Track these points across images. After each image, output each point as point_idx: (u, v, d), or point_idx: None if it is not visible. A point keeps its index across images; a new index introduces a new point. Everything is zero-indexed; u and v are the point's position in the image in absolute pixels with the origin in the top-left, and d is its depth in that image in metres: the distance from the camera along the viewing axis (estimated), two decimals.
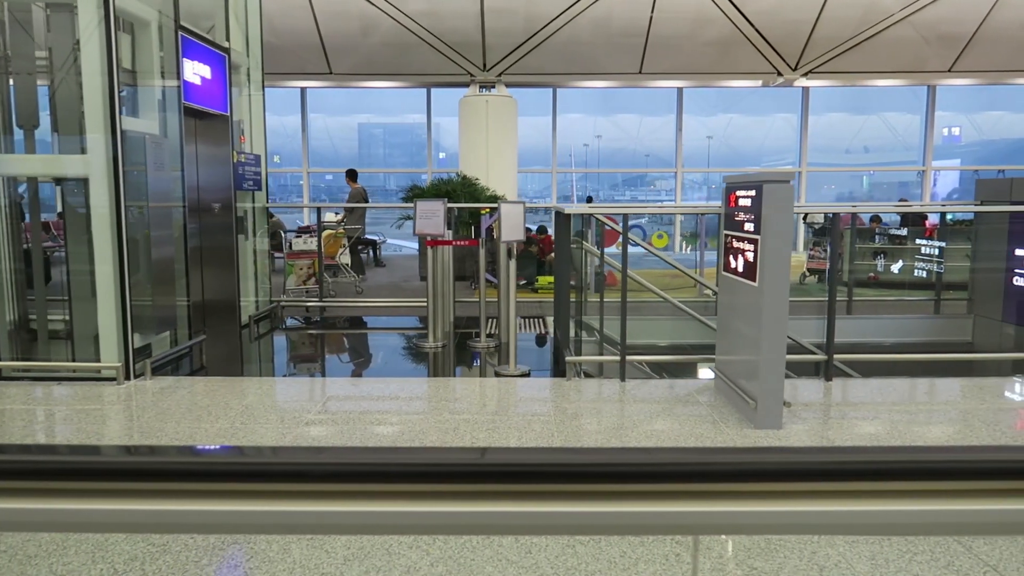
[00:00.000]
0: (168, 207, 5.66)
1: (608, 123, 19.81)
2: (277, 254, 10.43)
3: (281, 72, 13.55)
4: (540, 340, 6.96)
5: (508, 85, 13.67)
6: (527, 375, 5.36)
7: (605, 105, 19.88)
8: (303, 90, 15.57)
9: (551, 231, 11.40)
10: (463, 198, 11.13)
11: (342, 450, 1.17)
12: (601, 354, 5.98)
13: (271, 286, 8.01)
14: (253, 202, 7.64)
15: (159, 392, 4.85)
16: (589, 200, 15.83)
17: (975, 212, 7.85)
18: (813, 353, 5.28)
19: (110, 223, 4.99)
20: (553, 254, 10.88)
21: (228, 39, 6.80)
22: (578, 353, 5.49)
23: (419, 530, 0.98)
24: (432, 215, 6.21)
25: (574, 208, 5.17)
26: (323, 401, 4.64)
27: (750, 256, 4.23)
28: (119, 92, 4.93)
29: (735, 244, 4.49)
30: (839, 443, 3.95)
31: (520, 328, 7.55)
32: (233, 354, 6.45)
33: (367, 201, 11.29)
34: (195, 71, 6.07)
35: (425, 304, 6.52)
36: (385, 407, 4.55)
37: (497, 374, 5.43)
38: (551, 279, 10.43)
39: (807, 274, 10.85)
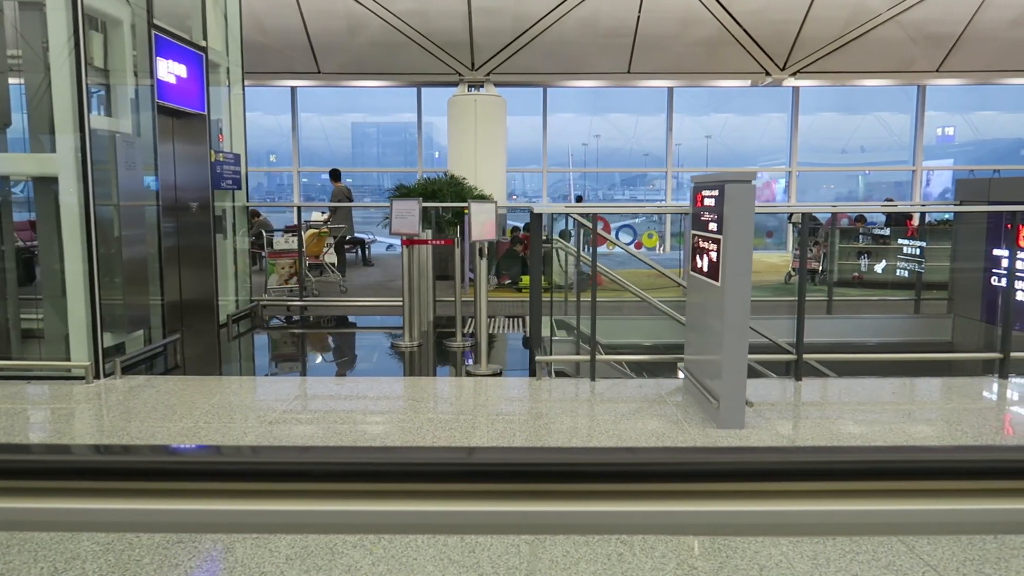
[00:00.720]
0: (141, 206, 5.66)
1: (607, 122, 19.78)
2: (263, 253, 10.43)
3: (270, 71, 13.55)
4: (524, 340, 6.96)
5: (497, 85, 13.67)
6: (498, 374, 5.36)
7: (604, 105, 19.85)
8: (293, 89, 15.56)
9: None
10: (449, 197, 11.13)
11: (310, 450, 1.17)
12: (578, 353, 5.98)
13: (252, 285, 8.01)
14: (233, 201, 7.63)
15: (128, 391, 4.85)
16: (579, 199, 15.83)
17: (954, 212, 7.86)
18: (789, 352, 5.28)
19: (79, 222, 4.99)
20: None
21: (206, 38, 6.80)
22: (550, 352, 5.48)
23: (391, 529, 0.99)
24: (407, 214, 6.21)
25: (543, 207, 5.16)
26: (288, 400, 4.64)
27: (714, 256, 4.23)
28: (88, 91, 4.93)
29: (701, 244, 4.49)
30: (799, 443, 3.95)
31: (505, 328, 7.56)
32: (208, 353, 6.45)
33: (351, 200, 11.28)
34: (170, 70, 6.07)
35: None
36: (349, 407, 4.55)
37: (468, 373, 5.44)
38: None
39: (793, 273, 10.85)
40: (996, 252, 7.16)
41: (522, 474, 0.96)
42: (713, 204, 4.26)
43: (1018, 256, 6.91)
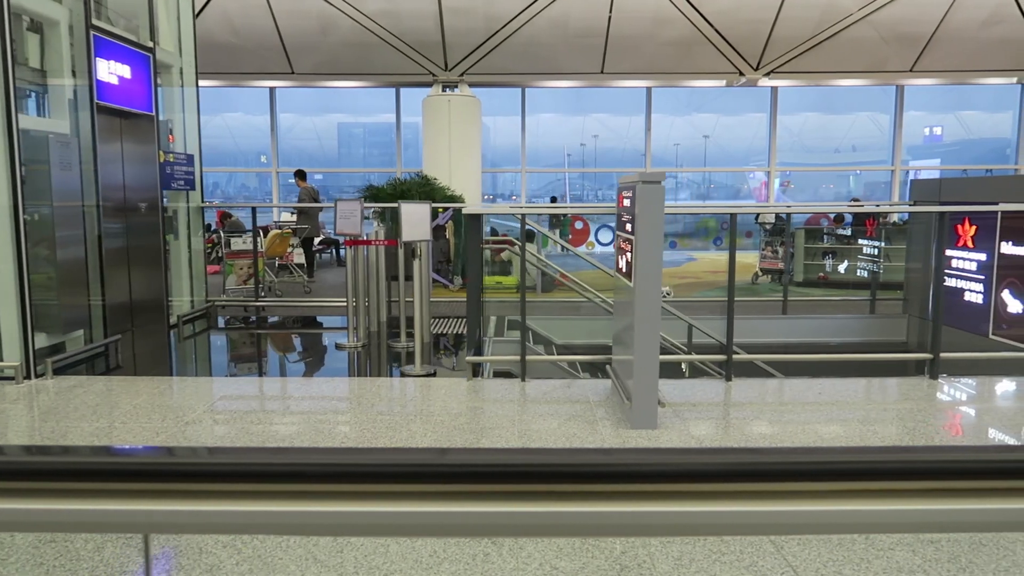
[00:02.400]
0: (78, 206, 5.67)
1: (605, 123, 19.76)
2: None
3: (244, 72, 13.56)
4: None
5: (472, 85, 13.67)
6: (432, 375, 5.37)
7: (602, 106, 19.86)
8: (272, 90, 15.57)
9: (500, 231, 11.41)
10: (418, 198, 11.13)
11: (252, 451, 1.18)
12: (525, 354, 5.98)
13: (207, 285, 8.01)
14: (187, 202, 7.64)
15: (57, 391, 4.85)
16: (553, 200, 15.83)
17: (909, 212, 7.86)
18: (733, 353, 5.26)
19: (9, 222, 5.00)
20: (502, 254, 10.89)
21: (153, 38, 6.80)
22: (488, 353, 5.49)
23: (346, 531, 1.00)
24: (350, 215, 6.21)
25: (474, 208, 5.17)
26: (211, 401, 4.65)
27: (629, 256, 4.24)
28: (15, 91, 4.93)
29: (622, 244, 4.50)
30: (707, 443, 3.95)
31: (461, 328, 7.55)
32: (150, 354, 6.46)
33: (317, 201, 11.28)
34: (111, 70, 6.08)
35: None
36: (269, 407, 4.56)
37: (403, 374, 5.44)
38: (498, 279, 10.44)
39: (759, 274, 10.85)
40: (948, 252, 7.16)
41: (489, 475, 0.97)
42: (629, 204, 4.27)
43: (962, 257, 6.93)
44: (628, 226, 4.27)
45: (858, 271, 8.94)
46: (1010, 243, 6.27)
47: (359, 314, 6.49)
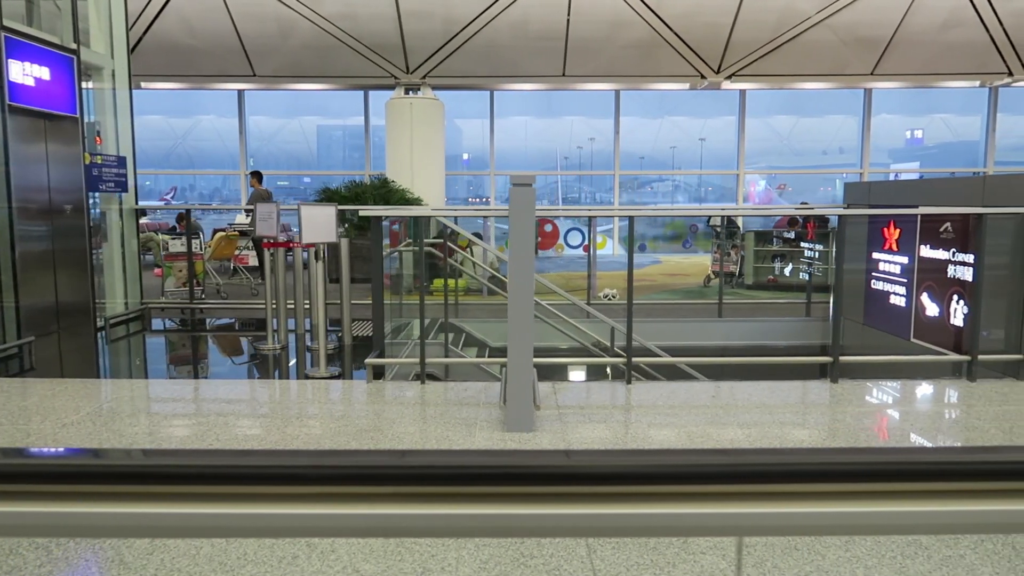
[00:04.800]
0: None
1: (603, 125, 19.65)
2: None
3: (205, 75, 13.57)
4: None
5: (436, 88, 13.68)
6: (337, 377, 5.36)
7: (600, 107, 19.84)
8: (240, 92, 15.59)
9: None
10: (372, 200, 11.14)
11: (202, 453, 1.17)
12: (424, 357, 5.96)
13: (142, 287, 8.00)
14: (120, 204, 7.64)
15: None
16: None
17: (839, 215, 7.84)
18: (633, 356, 5.27)
19: None
20: (451, 257, 10.85)
21: (77, 40, 6.80)
22: (386, 355, 5.48)
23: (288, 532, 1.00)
24: (268, 217, 6.21)
25: (371, 210, 5.17)
26: (99, 402, 4.64)
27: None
28: None
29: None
30: (575, 447, 3.94)
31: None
32: (71, 356, 6.45)
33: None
34: (27, 72, 6.08)
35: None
36: (155, 408, 4.55)
37: (307, 376, 5.44)
38: (448, 282, 10.41)
39: (711, 276, 10.84)
40: (876, 255, 7.16)
41: (456, 477, 0.98)
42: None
43: (888, 260, 6.93)
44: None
45: (801, 274, 8.93)
46: (928, 246, 6.27)
47: (280, 316, 6.48)
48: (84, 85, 7.03)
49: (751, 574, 2.58)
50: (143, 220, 13.68)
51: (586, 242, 17.27)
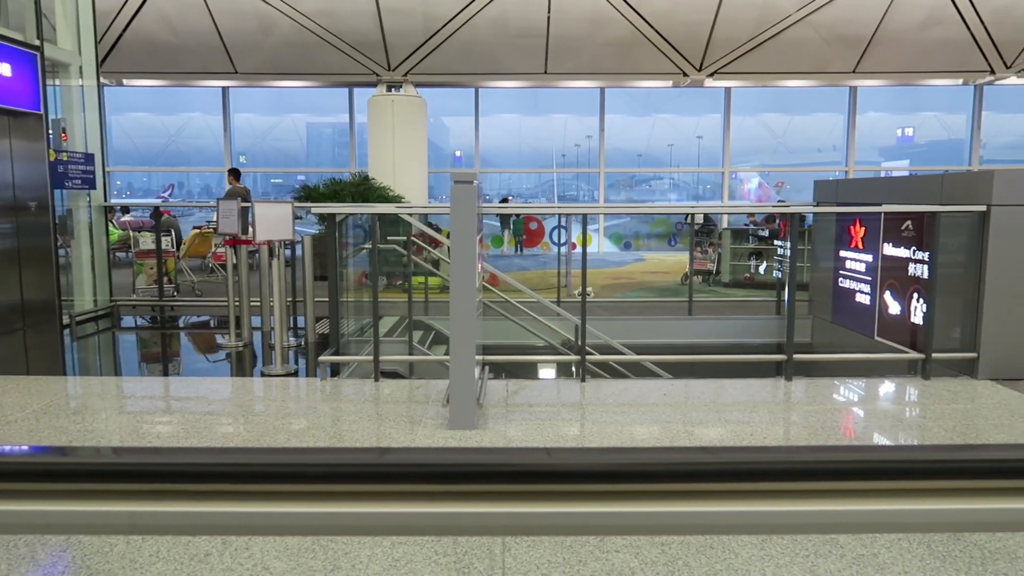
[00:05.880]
0: None
1: (596, 123, 19.63)
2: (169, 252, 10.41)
3: (187, 72, 13.55)
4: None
5: (418, 85, 13.66)
6: (293, 375, 5.36)
7: (595, 105, 19.83)
8: (225, 90, 15.56)
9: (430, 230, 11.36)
10: (351, 198, 11.11)
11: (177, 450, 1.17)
12: (378, 354, 5.96)
13: (111, 285, 7.99)
14: (89, 201, 7.62)
15: None
16: (504, 201, 15.82)
17: (812, 213, 7.85)
18: (588, 354, 5.26)
19: None
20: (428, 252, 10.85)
21: (40, 37, 6.77)
22: (339, 353, 5.47)
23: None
24: (229, 214, 6.20)
25: (320, 207, 5.16)
26: (45, 398, 4.63)
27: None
28: None
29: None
30: (516, 444, 3.94)
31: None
32: (34, 353, 6.44)
33: (248, 201, 11.24)
34: None
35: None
36: (105, 405, 4.54)
37: (263, 374, 5.43)
38: (423, 279, 10.40)
39: (688, 274, 10.83)
40: (843, 253, 7.15)
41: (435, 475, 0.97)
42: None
43: (854, 258, 6.93)
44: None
45: (774, 272, 8.93)
46: (891, 244, 6.26)
47: (243, 314, 6.47)
48: (50, 82, 7.01)
49: (661, 572, 2.58)
50: (125, 218, 13.69)
51: (572, 239, 17.30)
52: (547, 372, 7.20)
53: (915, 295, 5.92)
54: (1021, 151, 18.80)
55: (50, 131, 6.89)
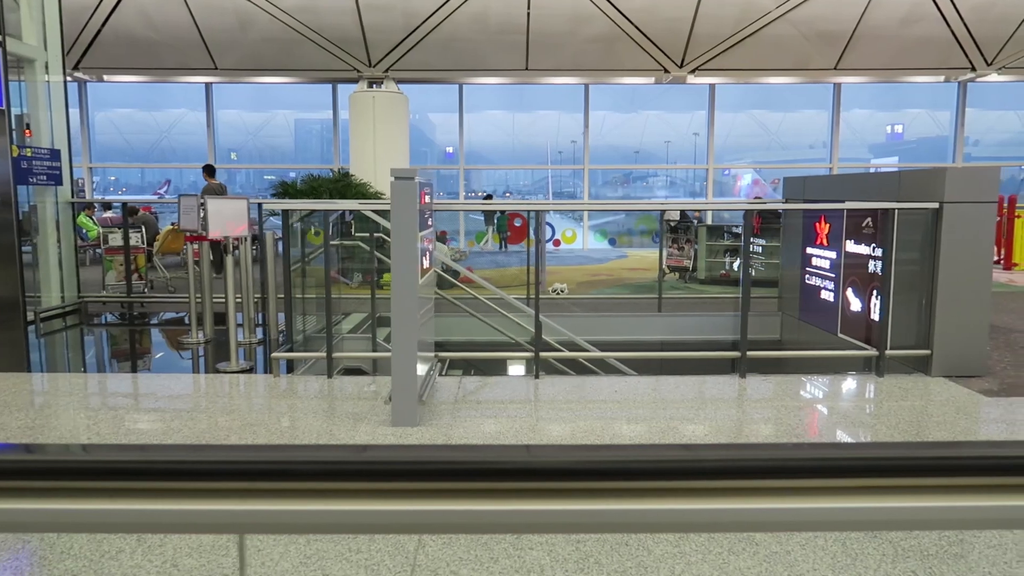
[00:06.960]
0: None
1: (600, 120, 19.57)
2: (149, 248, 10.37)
3: (167, 68, 13.50)
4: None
5: (400, 81, 13.63)
6: (248, 371, 5.35)
7: (594, 104, 19.79)
8: (208, 85, 15.51)
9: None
10: (329, 195, 11.08)
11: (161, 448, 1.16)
12: (331, 351, 5.95)
13: (79, 281, 7.96)
14: (56, 197, 7.60)
15: None
16: (487, 197, 15.80)
17: (783, 210, 7.84)
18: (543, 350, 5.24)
19: None
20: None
21: (2, 32, 6.73)
22: (292, 350, 5.46)
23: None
24: (190, 210, 6.17)
25: (272, 203, 5.14)
26: (3, 394, 4.61)
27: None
28: None
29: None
30: (456, 440, 3.93)
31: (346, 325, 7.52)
32: None
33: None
34: None
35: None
36: (50, 401, 4.52)
37: (217, 370, 5.42)
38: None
39: (666, 271, 10.82)
40: (810, 250, 7.15)
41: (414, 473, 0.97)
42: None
43: (819, 255, 6.92)
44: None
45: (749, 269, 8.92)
46: (852, 241, 6.26)
47: (205, 310, 6.45)
48: (14, 77, 6.97)
49: (571, 570, 2.57)
50: (107, 214, 13.65)
51: (556, 236, 17.28)
52: (517, 369, 7.20)
53: (874, 292, 5.91)
54: (1016, 148, 18.78)
55: (13, 127, 6.86)
